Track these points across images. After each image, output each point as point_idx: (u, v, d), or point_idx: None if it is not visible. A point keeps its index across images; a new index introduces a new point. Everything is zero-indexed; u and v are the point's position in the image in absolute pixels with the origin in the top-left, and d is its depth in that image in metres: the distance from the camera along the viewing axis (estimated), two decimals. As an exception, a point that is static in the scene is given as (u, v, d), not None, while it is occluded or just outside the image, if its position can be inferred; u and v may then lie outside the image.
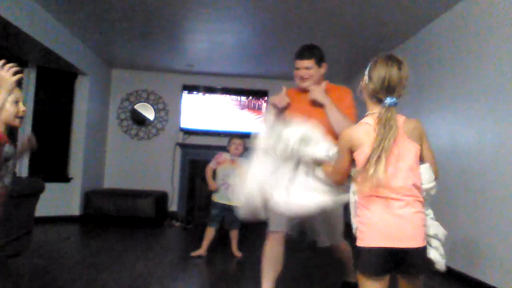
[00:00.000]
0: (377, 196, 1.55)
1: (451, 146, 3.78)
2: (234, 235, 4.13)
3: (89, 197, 5.94)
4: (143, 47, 5.66)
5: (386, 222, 1.54)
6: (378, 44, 5.03)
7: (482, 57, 3.42)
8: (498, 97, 3.18)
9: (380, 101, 1.67)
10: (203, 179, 6.96)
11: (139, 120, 6.95)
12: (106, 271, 3.27)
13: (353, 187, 1.68)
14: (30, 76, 5.41)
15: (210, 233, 4.05)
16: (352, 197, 1.68)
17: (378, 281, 1.55)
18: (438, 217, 3.84)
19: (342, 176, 1.74)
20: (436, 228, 1.69)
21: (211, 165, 4.10)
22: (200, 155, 6.81)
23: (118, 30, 4.99)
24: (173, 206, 6.80)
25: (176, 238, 5.19)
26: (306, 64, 2.55)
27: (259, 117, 6.87)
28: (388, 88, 1.66)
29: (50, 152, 5.71)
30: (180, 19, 4.54)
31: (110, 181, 6.78)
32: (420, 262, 1.58)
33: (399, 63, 1.71)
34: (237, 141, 4.08)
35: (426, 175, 1.63)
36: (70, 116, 5.93)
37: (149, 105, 6.98)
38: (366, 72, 1.74)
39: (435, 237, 1.68)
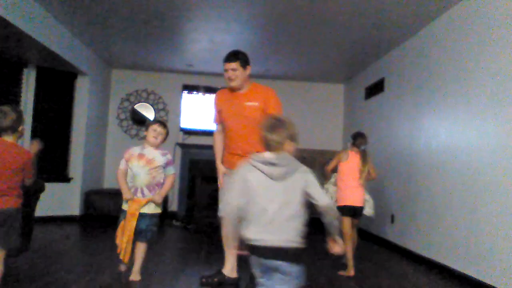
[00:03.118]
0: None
1: (451, 146, 3.78)
2: (140, 250, 3.05)
3: (89, 197, 5.94)
4: (143, 47, 5.66)
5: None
6: (378, 44, 5.04)
7: (482, 57, 3.42)
8: (498, 97, 3.18)
9: (356, 146, 3.78)
10: (203, 179, 7.02)
11: (139, 120, 6.95)
12: (106, 271, 3.27)
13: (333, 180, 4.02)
14: (30, 76, 5.41)
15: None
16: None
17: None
18: (438, 217, 3.85)
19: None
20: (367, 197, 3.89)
21: (121, 167, 3.17)
22: (200, 155, 6.81)
23: (118, 30, 4.99)
24: (173, 206, 6.80)
25: (176, 238, 5.19)
26: (232, 66, 2.97)
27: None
28: (362, 141, 3.78)
29: (50, 152, 5.71)
30: (180, 19, 4.54)
31: (110, 181, 6.77)
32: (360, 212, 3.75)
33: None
34: (158, 128, 3.13)
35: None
36: (70, 116, 5.92)
37: (149, 105, 6.98)
38: (352, 138, 3.87)
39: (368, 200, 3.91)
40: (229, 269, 3.07)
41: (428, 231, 4.05)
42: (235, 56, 3.01)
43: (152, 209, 3.03)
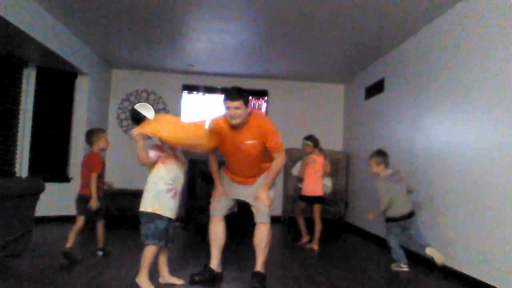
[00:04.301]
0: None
1: (451, 146, 3.77)
2: (164, 256, 3.05)
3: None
4: (143, 47, 5.66)
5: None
6: (378, 44, 5.04)
7: (481, 57, 3.42)
8: (498, 97, 3.18)
9: (316, 147, 4.74)
10: (203, 179, 7.01)
11: (139, 120, 6.95)
12: (106, 271, 3.27)
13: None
14: (30, 76, 5.41)
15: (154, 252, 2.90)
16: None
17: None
18: (438, 217, 3.83)
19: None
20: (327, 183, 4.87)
21: (153, 156, 2.85)
22: (200, 155, 6.79)
23: (118, 30, 4.99)
24: (173, 206, 6.79)
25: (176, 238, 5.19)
26: (236, 105, 2.92)
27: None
28: (319, 142, 4.76)
29: (50, 152, 5.71)
30: (180, 19, 4.54)
31: (110, 181, 6.76)
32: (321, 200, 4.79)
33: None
34: None
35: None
36: (70, 116, 5.93)
37: (149, 105, 6.98)
38: (304, 140, 4.78)
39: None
40: (216, 264, 3.24)
41: (428, 231, 4.04)
42: (239, 94, 2.93)
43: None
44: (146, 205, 2.85)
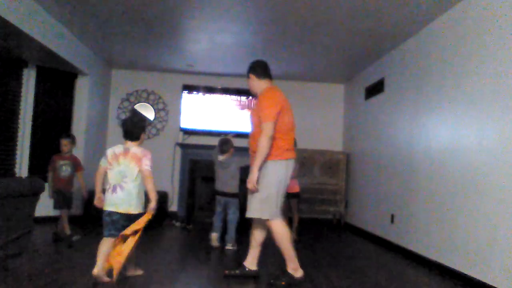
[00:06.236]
0: None
1: (451, 146, 3.78)
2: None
3: (89, 197, 5.93)
4: (143, 47, 5.66)
5: None
6: (378, 44, 5.04)
7: (482, 57, 3.42)
8: (498, 98, 3.18)
9: None
10: (203, 179, 7.02)
11: (139, 120, 6.95)
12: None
13: None
14: (30, 76, 5.41)
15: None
16: None
17: None
18: (438, 217, 3.84)
19: None
20: None
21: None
22: (200, 155, 6.81)
23: (118, 30, 4.99)
24: (173, 206, 6.81)
25: (176, 238, 5.19)
26: (249, 76, 3.38)
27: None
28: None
29: (50, 152, 5.70)
30: (180, 19, 4.55)
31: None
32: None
33: None
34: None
35: None
36: (70, 116, 5.93)
37: (149, 105, 6.99)
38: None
39: None
40: (250, 261, 3.28)
41: (428, 231, 4.05)
42: (249, 67, 3.37)
43: None
44: (139, 207, 3.02)
